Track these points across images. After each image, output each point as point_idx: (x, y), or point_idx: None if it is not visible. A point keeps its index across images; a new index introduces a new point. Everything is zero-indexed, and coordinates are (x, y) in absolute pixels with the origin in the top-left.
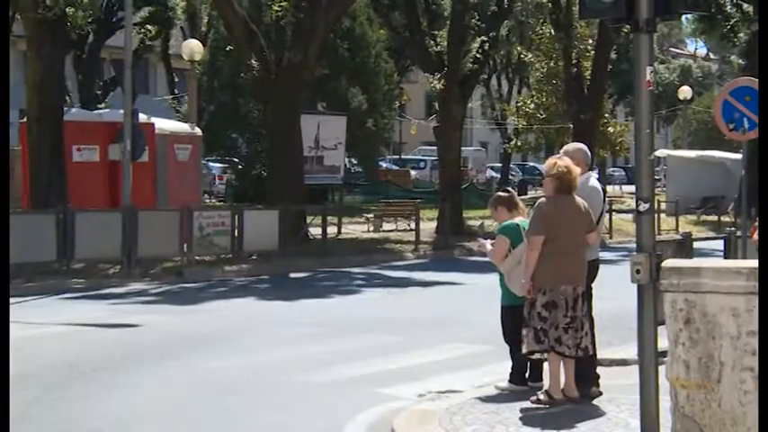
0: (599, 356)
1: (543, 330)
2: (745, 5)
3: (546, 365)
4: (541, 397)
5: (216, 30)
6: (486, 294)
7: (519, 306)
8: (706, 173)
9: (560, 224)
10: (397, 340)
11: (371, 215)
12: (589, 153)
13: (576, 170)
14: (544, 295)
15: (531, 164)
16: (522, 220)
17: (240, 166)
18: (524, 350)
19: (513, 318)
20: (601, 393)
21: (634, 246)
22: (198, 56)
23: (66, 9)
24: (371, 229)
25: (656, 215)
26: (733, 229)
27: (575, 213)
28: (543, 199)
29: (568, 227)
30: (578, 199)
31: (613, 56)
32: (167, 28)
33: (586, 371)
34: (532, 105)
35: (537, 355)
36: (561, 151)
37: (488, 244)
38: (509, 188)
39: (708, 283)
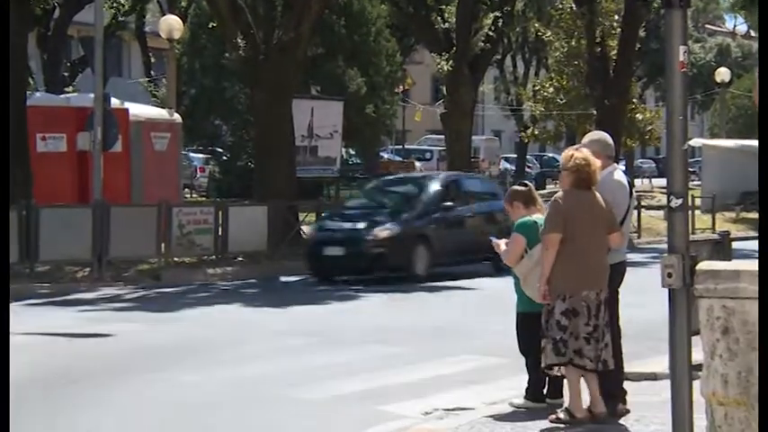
0: (626, 370)
1: (563, 341)
2: None
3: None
4: (561, 415)
5: (197, 4)
6: (499, 300)
7: (536, 313)
8: (746, 164)
9: (578, 222)
10: (399, 351)
11: None
12: (611, 143)
13: (596, 162)
14: (564, 301)
15: (550, 155)
16: (539, 216)
17: (225, 157)
18: (543, 363)
19: (530, 326)
20: (628, 411)
21: (665, 246)
22: (177, 33)
23: None
24: None
25: (689, 212)
26: None
27: (595, 210)
28: (560, 193)
29: (587, 225)
30: (599, 195)
31: (642, 34)
32: (143, 2)
33: (612, 386)
34: (551, 89)
35: (556, 370)
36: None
37: (502, 244)
38: (526, 181)
39: (748, 288)
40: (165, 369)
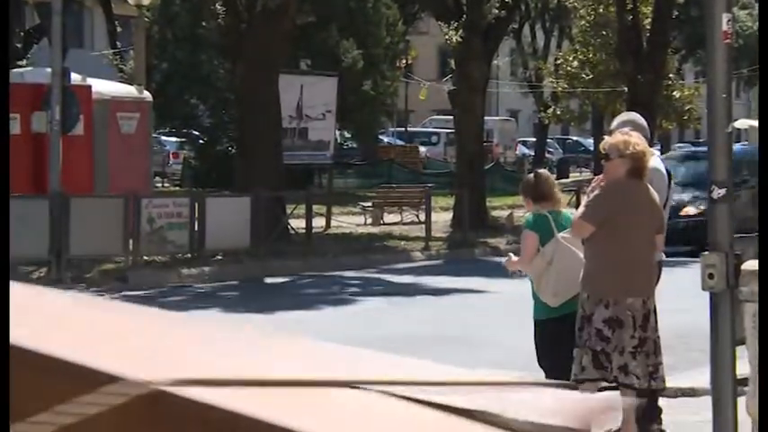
0: None
1: (605, 353)
2: None
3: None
4: None
5: None
6: (515, 306)
7: (554, 320)
8: None
9: (629, 216)
10: None
11: (369, 204)
12: (646, 125)
13: (650, 150)
14: (607, 308)
15: (574, 138)
16: (552, 209)
17: (201, 141)
18: (574, 376)
19: (548, 336)
20: None
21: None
22: None
23: None
24: (369, 221)
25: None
26: None
27: (649, 205)
28: (612, 181)
29: (640, 222)
30: (652, 189)
31: None
32: None
33: (646, 403)
34: (576, 63)
35: (588, 385)
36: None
37: (512, 256)
38: (538, 171)
39: None
40: None
